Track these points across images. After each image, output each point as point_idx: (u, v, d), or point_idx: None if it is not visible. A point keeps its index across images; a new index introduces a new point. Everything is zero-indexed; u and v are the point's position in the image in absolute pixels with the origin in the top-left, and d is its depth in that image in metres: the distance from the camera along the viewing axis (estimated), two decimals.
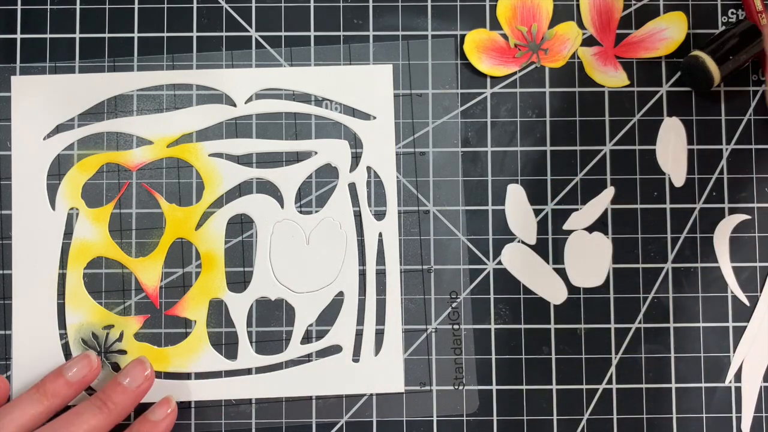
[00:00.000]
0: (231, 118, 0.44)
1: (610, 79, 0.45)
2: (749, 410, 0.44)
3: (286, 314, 0.44)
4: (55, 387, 0.40)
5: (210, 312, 0.43)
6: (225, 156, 0.44)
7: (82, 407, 0.40)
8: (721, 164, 0.45)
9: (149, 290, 0.43)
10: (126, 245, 0.44)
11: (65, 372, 0.41)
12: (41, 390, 0.40)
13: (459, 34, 0.45)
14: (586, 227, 0.44)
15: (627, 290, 0.44)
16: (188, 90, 0.44)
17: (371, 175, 0.44)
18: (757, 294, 0.44)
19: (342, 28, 0.45)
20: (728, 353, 0.44)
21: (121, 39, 0.45)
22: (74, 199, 0.43)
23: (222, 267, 0.44)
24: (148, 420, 0.41)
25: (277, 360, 0.43)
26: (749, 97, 0.45)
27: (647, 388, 0.44)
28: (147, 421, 0.41)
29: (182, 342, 0.43)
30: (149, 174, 0.44)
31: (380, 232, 0.44)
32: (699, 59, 0.43)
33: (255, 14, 0.45)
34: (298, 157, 0.44)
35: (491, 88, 0.45)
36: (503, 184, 0.44)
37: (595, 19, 0.45)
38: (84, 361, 0.41)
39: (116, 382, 0.41)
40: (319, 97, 0.44)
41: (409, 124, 0.44)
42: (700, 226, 0.44)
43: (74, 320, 0.43)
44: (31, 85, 0.44)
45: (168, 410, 0.41)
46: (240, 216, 0.44)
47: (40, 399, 0.40)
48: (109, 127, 0.44)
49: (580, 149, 0.45)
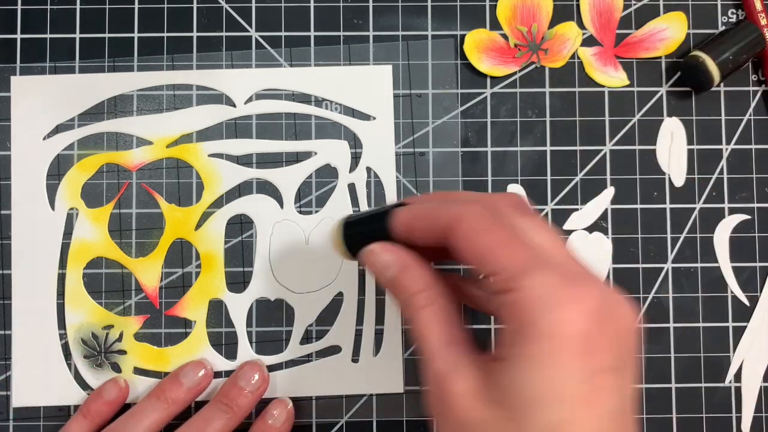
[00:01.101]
0: (231, 118, 0.44)
1: (610, 79, 0.45)
2: (749, 410, 0.44)
3: (285, 314, 0.43)
4: (176, 394, 0.41)
5: (209, 312, 0.43)
6: (225, 156, 0.44)
7: (208, 412, 0.40)
8: (721, 164, 0.45)
9: (149, 290, 0.43)
10: (126, 245, 0.44)
11: (182, 378, 0.42)
12: (162, 397, 0.41)
13: (459, 34, 0.45)
14: (586, 227, 0.44)
15: (627, 290, 0.44)
16: (188, 90, 0.44)
17: (371, 175, 0.44)
18: (757, 294, 0.44)
19: (342, 28, 0.45)
20: (728, 353, 0.44)
21: (121, 39, 0.44)
22: (74, 199, 0.43)
23: (221, 267, 0.44)
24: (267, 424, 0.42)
25: (277, 360, 0.43)
26: (749, 97, 0.45)
27: (647, 388, 0.44)
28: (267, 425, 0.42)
29: (182, 342, 0.43)
30: (149, 174, 0.44)
31: None
32: (699, 59, 0.43)
33: (255, 14, 0.45)
34: (298, 158, 0.44)
35: (491, 88, 0.45)
36: (503, 184, 0.44)
37: (595, 19, 0.45)
38: (198, 367, 0.42)
39: (236, 384, 0.41)
40: (319, 98, 0.44)
41: (409, 124, 0.44)
42: (700, 226, 0.44)
43: (74, 320, 0.43)
44: (30, 86, 0.44)
45: (288, 407, 0.42)
46: (239, 216, 0.44)
47: (161, 405, 0.40)
48: (109, 127, 0.44)
49: (580, 149, 0.45)
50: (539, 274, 0.28)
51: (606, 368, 0.27)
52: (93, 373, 0.43)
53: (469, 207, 0.30)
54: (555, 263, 0.29)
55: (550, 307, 0.27)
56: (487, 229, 0.30)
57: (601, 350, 0.27)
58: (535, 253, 0.29)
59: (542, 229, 0.31)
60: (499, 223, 0.30)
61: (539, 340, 0.27)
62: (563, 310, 0.27)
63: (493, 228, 0.30)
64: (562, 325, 0.27)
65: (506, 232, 0.29)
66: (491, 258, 0.29)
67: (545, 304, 0.27)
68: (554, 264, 0.29)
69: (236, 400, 0.41)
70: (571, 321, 0.27)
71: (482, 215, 0.30)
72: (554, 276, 0.28)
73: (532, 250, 0.29)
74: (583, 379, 0.27)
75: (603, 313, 0.27)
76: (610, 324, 0.28)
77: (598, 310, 0.27)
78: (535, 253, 0.29)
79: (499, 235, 0.29)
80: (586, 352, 0.27)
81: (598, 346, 0.27)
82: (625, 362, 0.28)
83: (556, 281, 0.27)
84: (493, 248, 0.29)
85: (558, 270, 0.28)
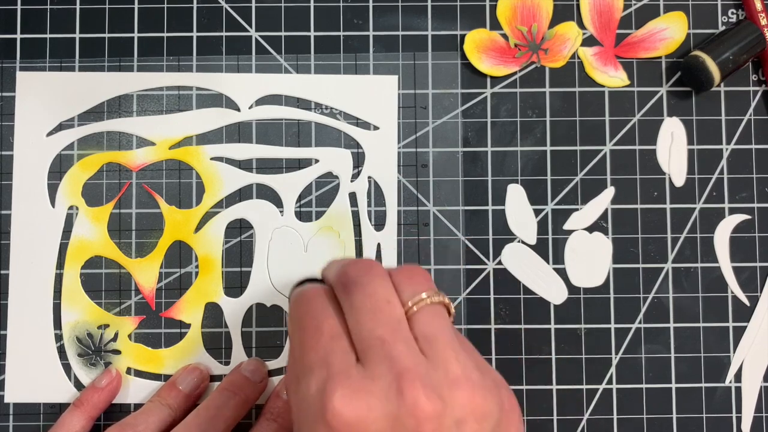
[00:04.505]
0: (235, 122, 0.44)
1: (610, 79, 0.45)
2: (749, 410, 0.44)
3: (281, 321, 0.43)
4: (175, 400, 0.41)
5: (205, 316, 0.43)
6: (225, 160, 0.44)
7: (217, 400, 0.40)
8: (721, 164, 0.45)
9: (146, 291, 0.43)
10: (124, 245, 0.44)
11: (179, 384, 0.42)
12: (163, 403, 0.41)
13: (459, 34, 0.45)
14: (586, 227, 0.44)
15: (627, 290, 0.44)
16: (188, 91, 0.44)
17: (372, 184, 0.44)
18: (757, 294, 0.44)
19: (342, 28, 0.45)
20: (728, 353, 0.44)
21: (121, 39, 0.44)
22: (74, 197, 0.43)
23: (219, 271, 0.43)
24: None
25: (272, 367, 0.43)
26: (749, 97, 0.45)
27: (647, 388, 0.44)
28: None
29: (176, 344, 0.43)
30: (150, 175, 0.44)
31: (378, 243, 0.44)
32: (699, 59, 0.43)
33: (255, 14, 0.45)
34: (300, 164, 0.44)
35: (491, 88, 0.45)
36: (503, 184, 0.44)
37: (595, 19, 0.45)
38: (194, 371, 0.42)
39: (240, 374, 0.42)
40: (323, 105, 0.44)
41: (409, 124, 0.44)
42: (700, 226, 0.44)
43: (70, 318, 0.43)
44: (35, 82, 0.44)
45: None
46: (239, 221, 0.44)
47: (165, 410, 0.40)
48: (112, 126, 0.44)
49: (580, 149, 0.45)
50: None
51: None
52: (87, 372, 0.43)
53: (298, 301, 0.31)
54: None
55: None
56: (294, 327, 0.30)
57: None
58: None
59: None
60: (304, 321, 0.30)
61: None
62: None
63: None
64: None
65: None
66: (290, 359, 0.31)
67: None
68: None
69: (243, 388, 0.41)
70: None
71: (299, 311, 0.31)
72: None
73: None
74: None
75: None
76: None
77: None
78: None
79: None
80: None
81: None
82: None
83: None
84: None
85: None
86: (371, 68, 0.45)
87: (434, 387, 0.27)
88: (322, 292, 0.31)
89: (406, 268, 0.31)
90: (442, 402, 0.27)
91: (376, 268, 0.30)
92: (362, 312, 0.29)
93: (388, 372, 0.27)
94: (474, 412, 0.27)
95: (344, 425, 0.26)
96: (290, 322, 0.31)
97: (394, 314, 0.29)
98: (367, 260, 0.32)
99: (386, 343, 0.28)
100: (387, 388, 0.27)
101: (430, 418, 0.26)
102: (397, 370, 0.27)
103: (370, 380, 0.27)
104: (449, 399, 0.27)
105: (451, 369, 0.28)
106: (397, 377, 0.27)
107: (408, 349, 0.28)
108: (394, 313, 0.29)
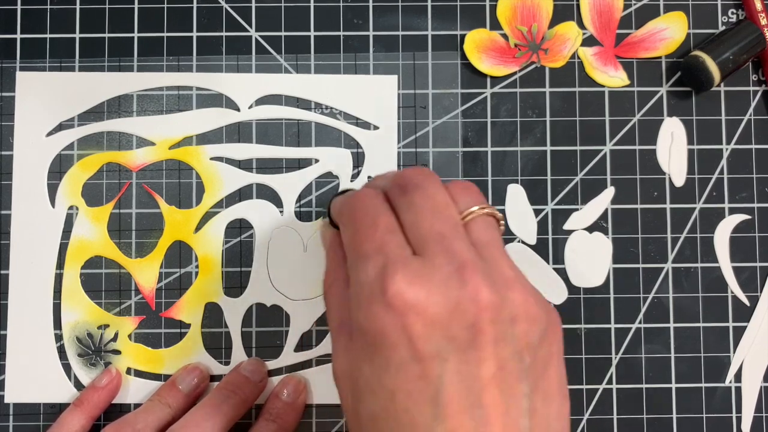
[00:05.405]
0: (235, 122, 0.44)
1: (610, 79, 0.45)
2: (749, 410, 0.44)
3: (281, 321, 0.43)
4: (175, 400, 0.41)
5: (205, 316, 0.43)
6: (225, 160, 0.44)
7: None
8: (721, 164, 0.45)
9: (146, 292, 0.43)
10: (124, 245, 0.44)
11: (179, 384, 0.41)
12: (163, 402, 0.41)
13: (459, 34, 0.45)
14: (586, 227, 0.44)
15: (627, 290, 0.44)
16: (189, 91, 0.44)
17: None
18: (757, 294, 0.44)
19: (342, 28, 0.45)
20: (728, 353, 0.44)
21: (121, 39, 0.44)
22: (74, 197, 0.43)
23: (219, 271, 0.43)
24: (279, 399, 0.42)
25: (271, 367, 0.43)
26: (749, 97, 0.45)
27: (647, 388, 0.44)
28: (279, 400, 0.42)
29: (176, 344, 0.43)
30: (150, 175, 0.44)
31: None
32: (699, 59, 0.43)
33: (255, 14, 0.45)
34: (299, 164, 0.44)
35: (491, 88, 0.45)
36: (503, 184, 0.44)
37: (595, 19, 0.45)
38: (194, 371, 0.42)
39: (239, 373, 0.42)
40: (323, 105, 0.44)
41: (409, 124, 0.44)
42: (700, 226, 0.44)
43: (70, 318, 0.43)
44: (35, 81, 0.44)
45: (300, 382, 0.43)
46: (239, 221, 0.44)
47: (164, 409, 0.40)
48: (112, 126, 0.44)
49: (580, 149, 0.45)
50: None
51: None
52: (87, 372, 0.43)
53: (352, 199, 0.31)
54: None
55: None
56: (347, 223, 0.31)
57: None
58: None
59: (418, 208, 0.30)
60: (366, 213, 0.30)
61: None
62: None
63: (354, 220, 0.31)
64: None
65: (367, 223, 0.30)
66: (347, 250, 0.31)
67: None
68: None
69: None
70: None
71: (353, 207, 0.31)
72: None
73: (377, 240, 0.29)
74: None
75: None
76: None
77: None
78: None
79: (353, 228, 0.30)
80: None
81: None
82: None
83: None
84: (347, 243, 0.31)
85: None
86: (371, 68, 0.45)
87: (493, 282, 0.28)
88: (377, 193, 0.31)
89: (461, 182, 0.32)
90: (500, 296, 0.27)
91: (435, 175, 0.31)
92: (422, 210, 0.29)
93: (448, 263, 0.28)
94: (527, 312, 0.28)
95: (404, 305, 0.27)
96: (341, 219, 0.32)
97: (452, 216, 0.29)
98: (425, 168, 0.34)
99: (446, 238, 0.28)
100: (447, 277, 0.27)
101: (489, 308, 0.27)
102: (459, 261, 0.28)
103: (431, 268, 0.28)
104: (506, 296, 0.28)
105: (505, 272, 0.29)
106: (458, 268, 0.27)
107: (467, 246, 0.28)
108: (453, 215, 0.30)
